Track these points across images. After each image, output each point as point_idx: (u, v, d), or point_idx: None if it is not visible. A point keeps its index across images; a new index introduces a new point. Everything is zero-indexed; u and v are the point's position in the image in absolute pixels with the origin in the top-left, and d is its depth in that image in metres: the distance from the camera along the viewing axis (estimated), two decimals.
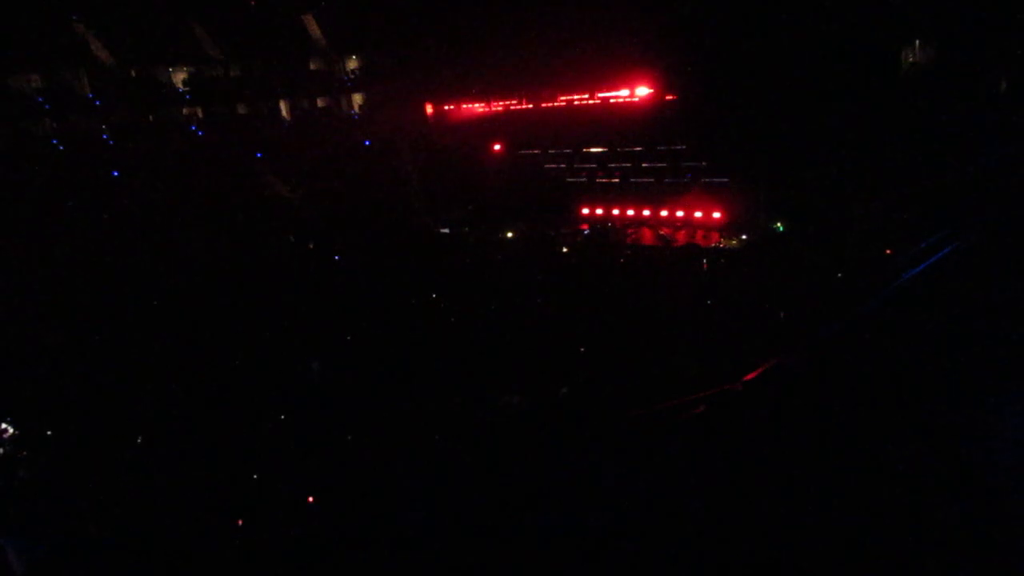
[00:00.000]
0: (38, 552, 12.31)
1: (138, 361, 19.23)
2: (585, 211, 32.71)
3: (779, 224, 26.35)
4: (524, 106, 35.58)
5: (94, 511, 13.23)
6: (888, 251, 20.37)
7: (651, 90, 30.71)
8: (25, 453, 16.38)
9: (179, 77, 35.34)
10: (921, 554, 7.07)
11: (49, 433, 16.74)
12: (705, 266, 25.57)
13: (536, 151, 35.63)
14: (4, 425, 16.75)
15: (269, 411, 16.27)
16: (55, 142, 30.98)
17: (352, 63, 39.46)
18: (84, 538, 12.69)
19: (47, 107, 31.13)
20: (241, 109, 36.72)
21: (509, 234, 31.80)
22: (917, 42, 25.84)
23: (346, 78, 39.24)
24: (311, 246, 31.68)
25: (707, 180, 29.76)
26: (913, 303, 9.07)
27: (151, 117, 34.29)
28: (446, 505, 12.21)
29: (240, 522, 12.85)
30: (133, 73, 33.55)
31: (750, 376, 7.24)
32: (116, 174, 30.77)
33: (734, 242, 27.32)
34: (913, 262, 10.13)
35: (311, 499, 13.59)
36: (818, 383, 7.25)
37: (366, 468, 14.16)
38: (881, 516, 7.25)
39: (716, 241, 27.82)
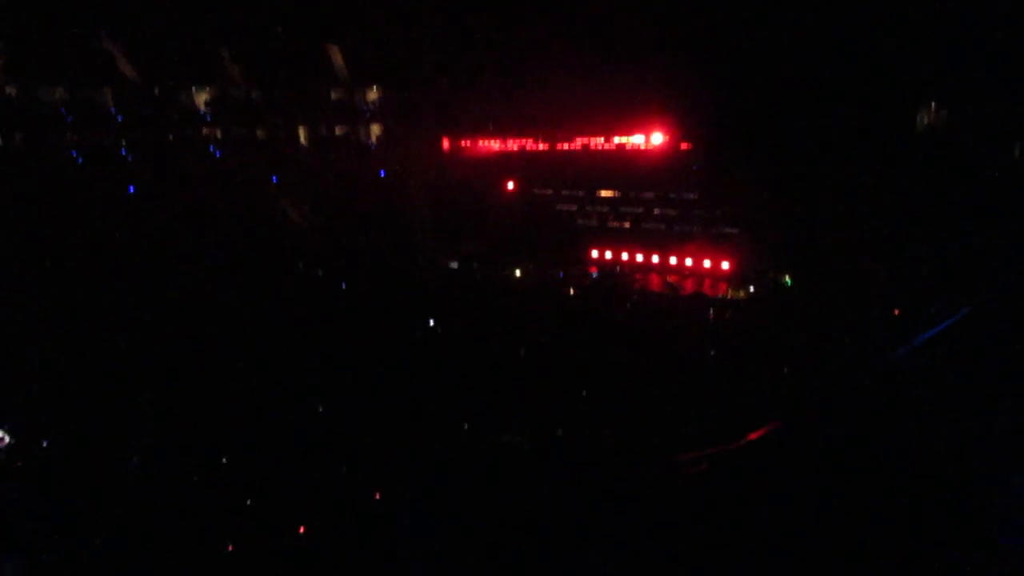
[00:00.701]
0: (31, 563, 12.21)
1: (138, 379, 19.17)
2: (595, 254, 32.76)
3: (787, 278, 26.34)
4: (540, 146, 35.86)
5: (90, 523, 13.13)
6: (896, 311, 20.32)
7: (666, 137, 30.95)
8: (20, 464, 16.28)
9: (201, 97, 35.80)
10: None
11: (44, 444, 16.66)
12: (712, 316, 25.49)
13: (549, 191, 35.82)
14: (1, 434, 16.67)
15: (265, 437, 16.17)
16: (74, 154, 31.31)
17: (372, 94, 39.92)
18: (80, 548, 12.58)
19: (69, 119, 31.52)
20: (260, 132, 37.10)
21: (517, 272, 31.83)
22: (933, 104, 26.05)
23: (365, 108, 39.67)
24: (319, 273, 31.77)
25: (717, 230, 29.85)
26: (922, 368, 8.99)
27: (171, 135, 34.67)
28: (436, 543, 12.08)
29: (231, 547, 12.74)
30: (156, 91, 33.99)
31: (753, 436, 7.16)
32: (132, 189, 31.05)
33: (741, 294, 27.28)
34: (923, 325, 10.08)
35: (302, 528, 13.46)
36: (823, 448, 7.17)
37: (360, 498, 14.03)
38: None
39: (723, 292, 27.79)
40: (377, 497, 14.08)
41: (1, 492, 15.21)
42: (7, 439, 16.64)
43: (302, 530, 13.43)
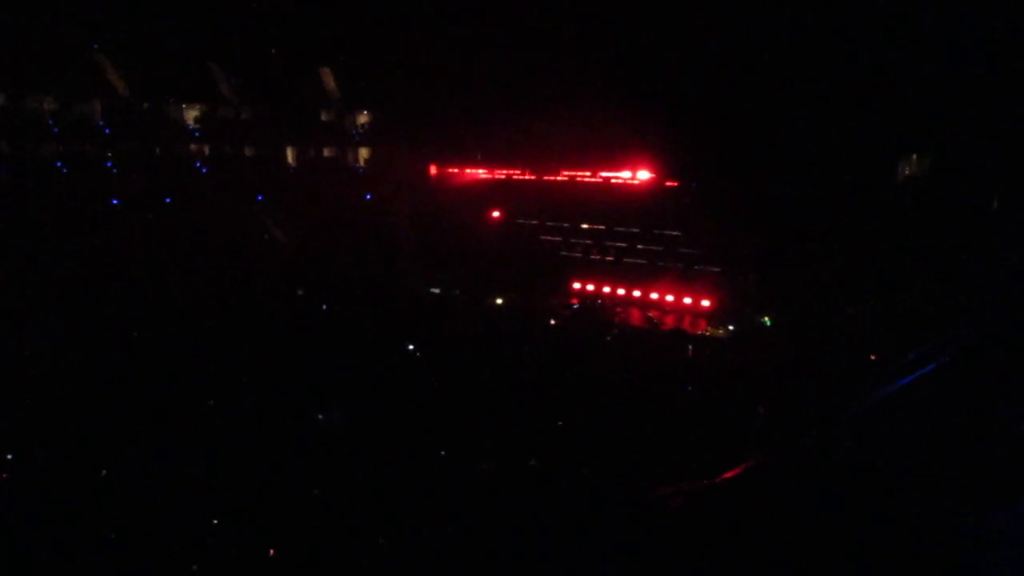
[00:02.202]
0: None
1: (112, 394, 18.96)
2: (576, 286, 32.93)
3: (767, 319, 26.60)
4: (526, 176, 36.14)
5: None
6: (873, 356, 20.56)
7: (652, 175, 31.31)
8: (5, 475, 16.04)
9: (191, 114, 35.86)
10: None
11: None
12: (690, 353, 25.63)
13: (534, 222, 36.05)
14: None
15: (239, 457, 16.00)
16: (59, 165, 31.20)
17: (362, 118, 40.13)
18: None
19: (56, 130, 31.45)
20: (248, 151, 37.15)
21: (499, 301, 31.90)
22: (914, 156, 26.62)
23: (355, 132, 39.85)
24: (300, 293, 31.68)
25: (699, 268, 30.15)
26: (898, 413, 9.12)
27: (158, 150, 34.64)
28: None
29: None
30: (145, 106, 34.01)
31: (730, 474, 7.23)
32: (116, 202, 30.94)
33: (721, 331, 27.47)
34: (900, 372, 10.23)
35: (272, 551, 13.28)
36: (798, 489, 7.25)
37: (334, 522, 13.89)
38: None
39: (703, 329, 27.98)
40: (351, 522, 13.93)
41: None
42: None
43: (272, 552, 13.26)
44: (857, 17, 24.58)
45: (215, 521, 13.78)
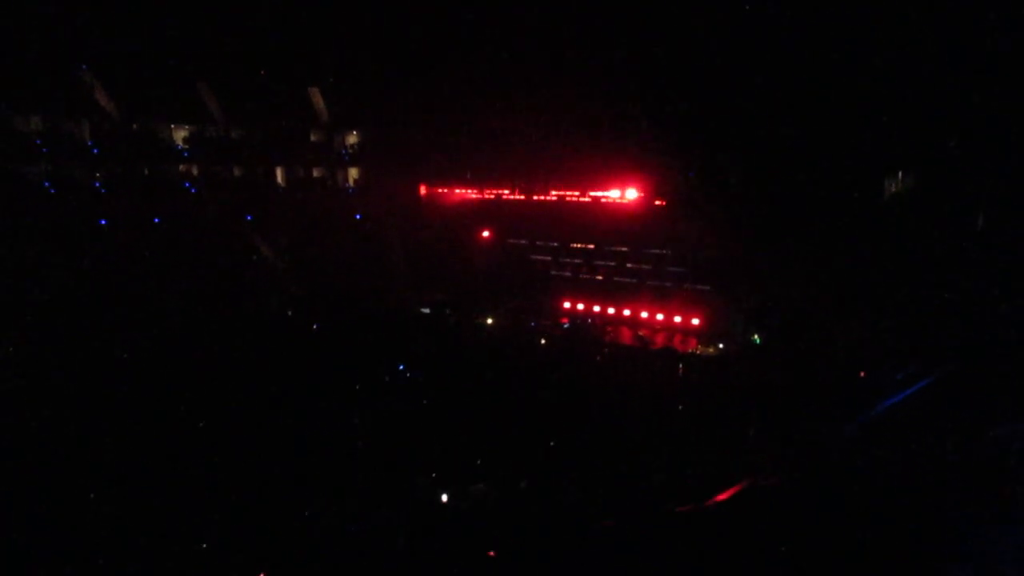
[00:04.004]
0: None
1: (100, 413, 18.78)
2: (567, 305, 32.95)
3: (756, 337, 26.64)
4: (516, 196, 36.19)
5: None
6: (862, 373, 20.59)
7: (641, 194, 31.40)
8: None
9: (180, 134, 35.81)
10: None
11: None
12: (681, 371, 25.64)
13: (524, 241, 36.09)
14: None
15: (227, 476, 15.85)
16: (47, 184, 31.06)
17: (352, 138, 40.16)
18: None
19: (44, 150, 31.33)
20: (237, 171, 37.08)
21: (489, 320, 31.87)
22: (900, 173, 26.77)
23: (344, 152, 39.84)
24: (289, 312, 31.57)
25: (689, 286, 30.20)
26: (891, 434, 9.11)
27: (146, 170, 34.54)
28: None
29: None
30: (135, 126, 33.96)
31: (721, 497, 7.17)
32: (103, 223, 30.79)
33: (711, 350, 27.52)
34: (890, 391, 10.22)
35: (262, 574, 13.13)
36: (791, 512, 7.21)
37: (322, 545, 13.77)
38: None
39: (693, 347, 28.02)
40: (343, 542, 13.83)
41: None
42: None
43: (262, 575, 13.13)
44: (845, 39, 24.83)
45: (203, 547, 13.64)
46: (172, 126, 35.51)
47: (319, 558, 13.31)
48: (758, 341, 26.47)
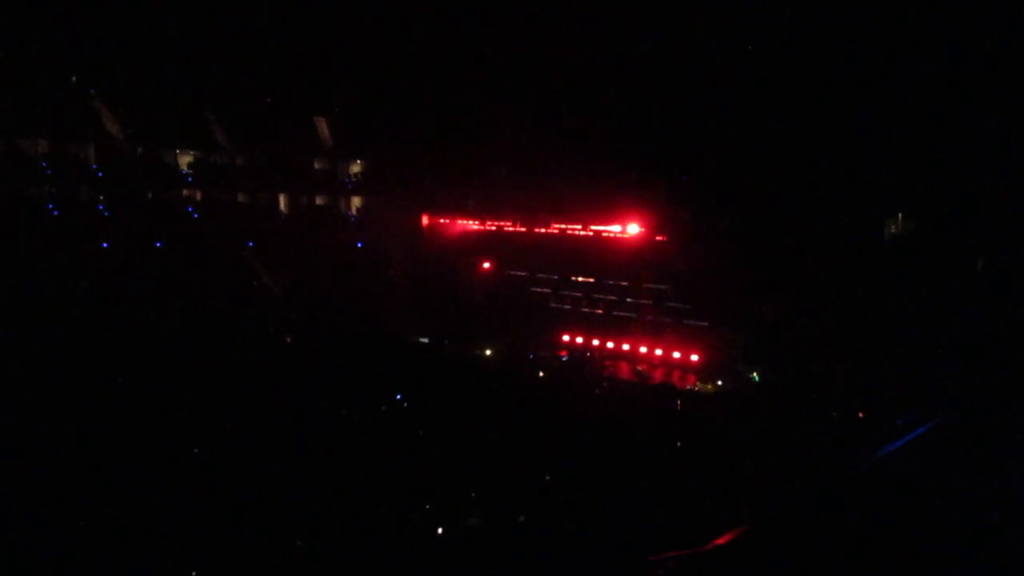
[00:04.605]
0: None
1: (100, 434, 18.71)
2: (566, 338, 32.92)
3: (755, 374, 26.61)
4: (517, 228, 36.32)
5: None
6: (861, 414, 20.55)
7: (642, 229, 31.52)
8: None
9: (184, 159, 36.07)
10: None
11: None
12: (679, 407, 25.55)
13: (524, 273, 36.16)
14: None
15: (224, 505, 15.74)
16: (51, 206, 31.23)
17: (356, 167, 40.44)
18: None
19: (48, 172, 31.54)
20: (241, 197, 37.30)
21: (488, 351, 31.82)
22: (900, 215, 26.96)
23: (348, 180, 40.11)
24: (288, 339, 31.55)
25: (689, 322, 30.19)
26: (892, 478, 9.05)
27: (150, 194, 34.76)
28: None
29: None
30: (140, 150, 34.23)
31: (721, 540, 7.12)
32: (106, 245, 30.89)
33: (709, 386, 27.45)
34: (889, 437, 10.18)
35: None
36: (794, 557, 7.14)
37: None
38: None
39: (692, 383, 27.95)
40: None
41: None
42: None
43: None
44: (845, 74, 25.12)
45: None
46: (177, 151, 35.78)
47: None
48: (757, 379, 26.43)
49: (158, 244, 32.31)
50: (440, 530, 15.82)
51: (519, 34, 31.95)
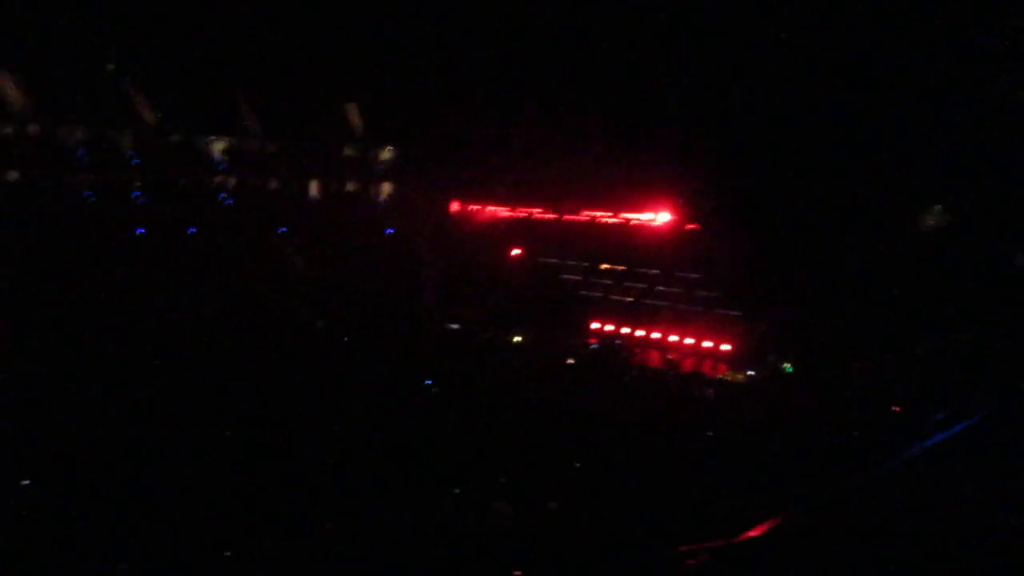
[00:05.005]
0: None
1: (130, 421, 18.97)
2: (595, 325, 32.80)
3: (788, 365, 26.29)
4: (548, 215, 36.19)
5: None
6: (897, 408, 20.22)
7: (674, 217, 31.24)
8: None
9: (218, 146, 36.36)
10: None
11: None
12: (710, 397, 25.37)
13: (554, 260, 36.04)
14: None
15: (251, 484, 15.89)
16: (88, 193, 31.69)
17: (386, 153, 40.48)
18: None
19: (85, 160, 31.98)
20: (272, 184, 37.55)
21: (517, 339, 31.81)
22: (937, 207, 26.41)
23: (378, 167, 40.19)
24: (320, 325, 31.80)
25: (720, 311, 29.91)
26: (925, 477, 8.86)
27: (184, 181, 35.12)
28: None
29: None
30: (174, 137, 34.56)
31: (753, 532, 7.02)
32: (142, 231, 31.32)
33: (740, 377, 27.19)
34: (927, 432, 9.96)
35: None
36: (827, 551, 7.02)
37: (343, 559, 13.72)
38: None
39: (723, 373, 27.71)
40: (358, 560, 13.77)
41: None
42: None
43: None
44: (889, 63, 24.60)
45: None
46: (211, 138, 36.08)
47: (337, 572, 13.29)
48: (790, 370, 26.11)
49: (191, 230, 32.67)
50: (467, 514, 15.87)
51: (552, 18, 31.68)
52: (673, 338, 30.67)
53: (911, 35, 24.06)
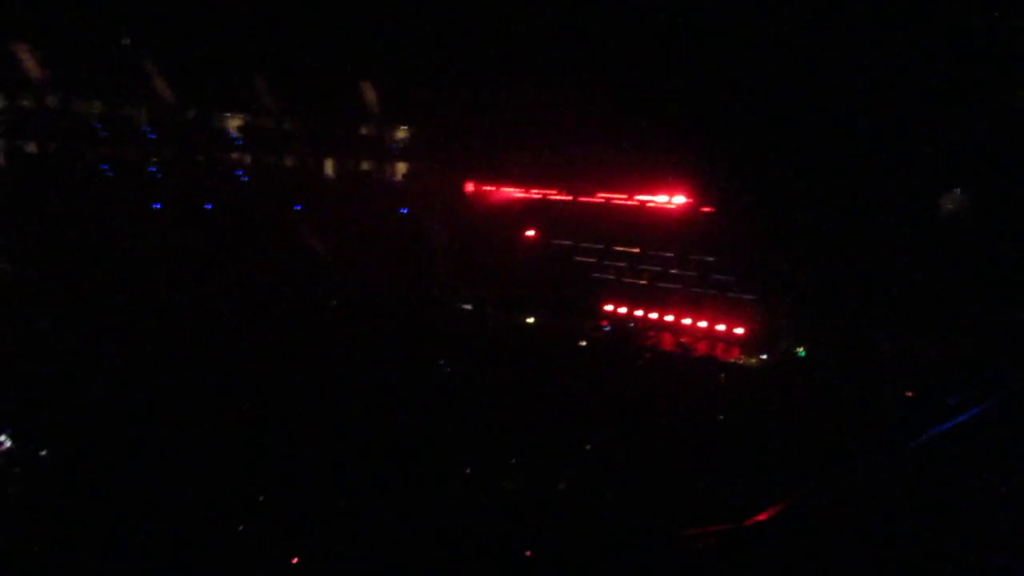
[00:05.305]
0: None
1: (144, 395, 19.19)
2: (608, 308, 32.73)
3: (801, 349, 26.20)
4: (562, 196, 36.07)
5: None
6: (910, 392, 20.14)
7: (689, 200, 31.07)
8: (18, 470, 16.22)
9: (234, 123, 36.47)
10: None
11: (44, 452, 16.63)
12: (723, 380, 25.34)
13: (568, 242, 35.96)
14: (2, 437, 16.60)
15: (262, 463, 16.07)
16: (105, 167, 31.87)
17: (401, 132, 40.47)
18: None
19: (103, 134, 32.15)
20: (288, 161, 37.66)
21: (530, 320, 31.84)
22: (957, 190, 26.12)
23: (393, 146, 40.19)
24: (333, 303, 31.94)
25: (734, 295, 29.79)
26: (936, 463, 8.82)
27: (200, 157, 35.26)
28: None
29: None
30: (191, 114, 34.68)
31: (761, 517, 7.02)
32: (157, 206, 31.48)
33: (753, 360, 27.13)
34: (939, 417, 9.90)
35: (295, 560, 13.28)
36: (836, 536, 7.03)
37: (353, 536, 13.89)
38: None
39: (735, 357, 27.65)
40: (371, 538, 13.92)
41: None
42: (7, 443, 16.58)
43: (295, 560, 13.27)
44: (908, 49, 24.26)
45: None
46: (227, 115, 36.17)
47: (349, 550, 13.45)
48: (803, 353, 26.02)
49: (207, 206, 32.81)
50: (477, 492, 15.99)
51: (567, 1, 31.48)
52: (686, 321, 30.57)
53: (940, 21, 23.72)
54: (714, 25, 28.70)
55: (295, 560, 13.05)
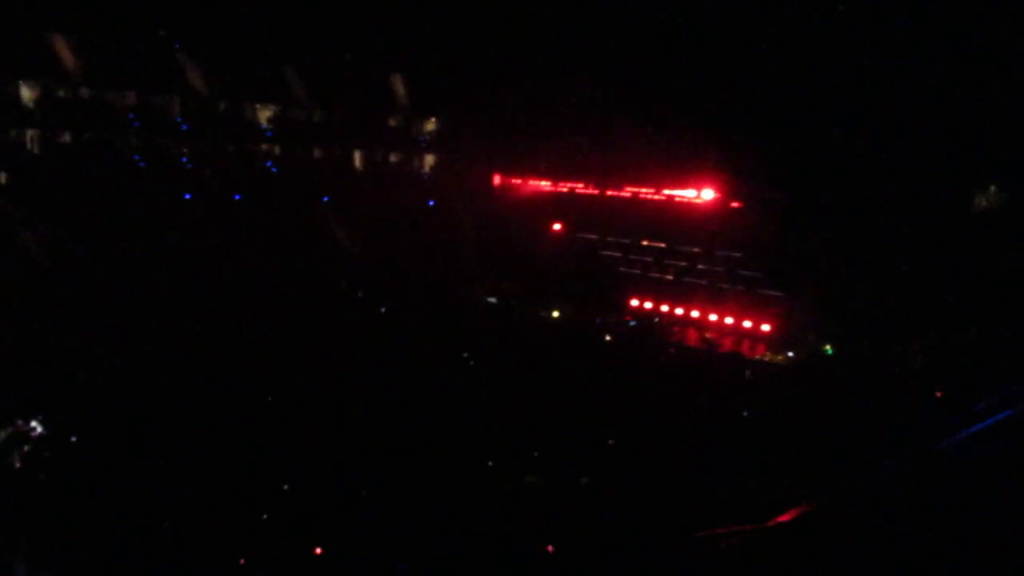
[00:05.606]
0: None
1: (169, 385, 19.45)
2: (634, 303, 32.61)
3: (828, 347, 25.92)
4: (589, 190, 35.98)
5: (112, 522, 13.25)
6: (938, 394, 19.85)
7: (717, 195, 30.84)
8: (47, 454, 16.49)
9: (264, 114, 36.77)
10: None
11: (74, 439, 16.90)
12: (748, 377, 25.13)
13: (594, 236, 35.86)
14: (34, 423, 16.88)
15: (284, 456, 16.24)
16: (137, 158, 32.31)
17: (430, 125, 40.56)
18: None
19: (136, 124, 32.57)
20: (317, 153, 37.93)
21: (555, 314, 31.80)
22: (992, 188, 25.70)
23: (421, 139, 40.31)
24: (360, 294, 32.14)
25: (761, 291, 29.53)
26: (962, 467, 8.69)
27: (231, 148, 35.61)
28: None
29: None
30: (222, 105, 35.01)
31: (783, 518, 6.97)
32: (188, 197, 31.88)
33: (779, 358, 26.86)
34: (967, 420, 9.76)
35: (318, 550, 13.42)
36: (859, 539, 6.96)
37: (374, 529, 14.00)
38: None
39: (761, 354, 27.40)
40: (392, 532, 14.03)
41: (31, 483, 15.43)
42: (40, 429, 16.86)
43: (318, 551, 13.41)
44: (937, 47, 23.87)
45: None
46: (257, 106, 36.47)
47: (372, 542, 13.56)
48: (830, 352, 25.73)
49: (237, 197, 33.16)
50: (502, 486, 16.03)
51: None
52: (712, 317, 30.37)
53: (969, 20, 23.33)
54: (746, 23, 28.45)
55: (318, 551, 13.19)
